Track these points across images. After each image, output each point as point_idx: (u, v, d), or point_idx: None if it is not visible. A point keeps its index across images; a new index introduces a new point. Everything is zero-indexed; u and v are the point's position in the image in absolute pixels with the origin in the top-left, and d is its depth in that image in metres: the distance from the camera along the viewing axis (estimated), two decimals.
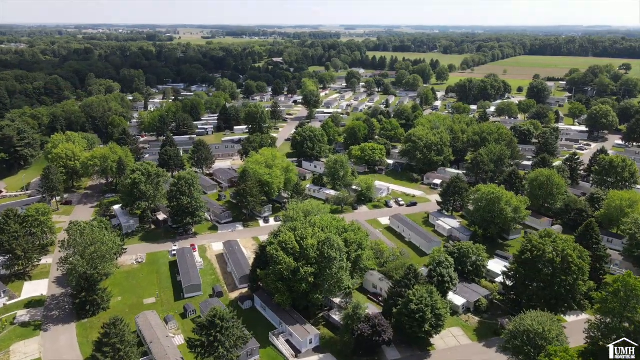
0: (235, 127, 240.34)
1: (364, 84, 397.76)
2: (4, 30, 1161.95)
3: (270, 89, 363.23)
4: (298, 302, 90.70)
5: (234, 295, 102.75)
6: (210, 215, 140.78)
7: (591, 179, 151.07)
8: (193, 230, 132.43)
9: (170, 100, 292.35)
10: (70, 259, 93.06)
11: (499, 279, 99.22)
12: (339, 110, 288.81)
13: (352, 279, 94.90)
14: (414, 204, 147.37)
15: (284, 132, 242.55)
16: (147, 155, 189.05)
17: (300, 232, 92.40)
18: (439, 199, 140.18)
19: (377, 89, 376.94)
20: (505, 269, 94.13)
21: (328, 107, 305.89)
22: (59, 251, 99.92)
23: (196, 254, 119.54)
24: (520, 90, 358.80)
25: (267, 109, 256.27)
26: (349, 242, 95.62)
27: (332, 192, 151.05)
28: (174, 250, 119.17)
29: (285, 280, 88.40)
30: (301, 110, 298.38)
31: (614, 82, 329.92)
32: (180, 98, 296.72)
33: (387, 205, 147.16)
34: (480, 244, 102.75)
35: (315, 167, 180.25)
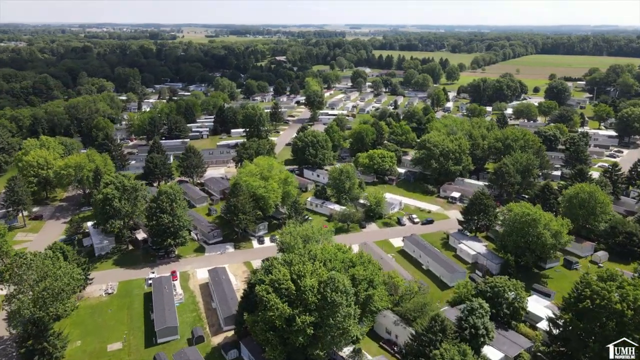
0: (233, 130, 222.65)
1: (370, 83, 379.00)
2: (8, 29, 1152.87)
3: (272, 89, 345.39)
4: (294, 356, 72.57)
5: (217, 339, 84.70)
6: (197, 234, 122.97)
7: (637, 194, 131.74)
8: (176, 253, 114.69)
9: (165, 101, 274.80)
10: (15, 299, 75.53)
11: (542, 325, 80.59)
12: (344, 112, 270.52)
13: (361, 327, 76.76)
14: (430, 222, 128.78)
15: (284, 136, 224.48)
16: (133, 162, 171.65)
17: (297, 268, 74.27)
18: (460, 217, 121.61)
19: (384, 89, 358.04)
20: (552, 315, 75.40)
21: (332, 108, 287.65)
22: (0, 289, 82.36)
23: (177, 283, 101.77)
24: (536, 90, 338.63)
25: (267, 111, 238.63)
26: (358, 279, 77.43)
27: (337, 207, 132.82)
28: (150, 278, 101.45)
29: (277, 331, 70.38)
30: (304, 112, 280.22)
31: (638, 82, 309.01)
32: (175, 98, 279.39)
33: (399, 222, 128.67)
34: (517, 280, 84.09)
35: (318, 176, 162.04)
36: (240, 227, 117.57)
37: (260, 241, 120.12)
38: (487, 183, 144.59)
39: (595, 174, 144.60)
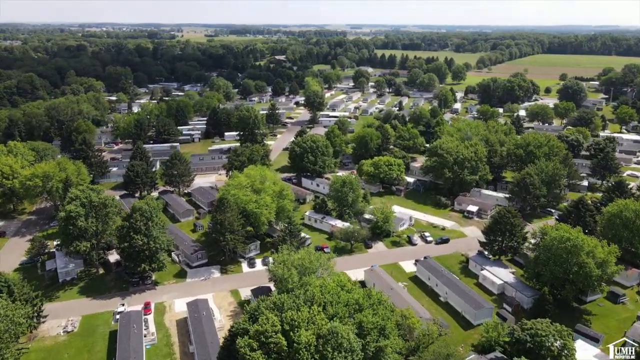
0: (226, 134, 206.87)
1: (373, 83, 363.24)
2: (6, 29, 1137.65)
3: (270, 89, 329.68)
4: None
5: None
6: (178, 256, 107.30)
7: None
8: (153, 279, 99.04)
9: (155, 101, 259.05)
10: None
11: None
12: (346, 114, 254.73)
13: None
14: (446, 241, 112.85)
15: (282, 140, 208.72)
16: (114, 169, 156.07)
17: (289, 315, 58.75)
18: (480, 235, 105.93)
19: (387, 90, 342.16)
20: None
21: (333, 110, 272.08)
22: None
23: (150, 318, 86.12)
24: (548, 91, 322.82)
25: (264, 112, 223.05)
26: (366, 328, 61.71)
27: (339, 223, 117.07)
28: (119, 312, 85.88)
29: None
30: (303, 113, 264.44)
31: None
32: (167, 98, 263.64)
33: (410, 241, 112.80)
34: (560, 324, 68.22)
35: (318, 185, 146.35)
36: (227, 248, 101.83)
37: (251, 264, 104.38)
38: (507, 195, 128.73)
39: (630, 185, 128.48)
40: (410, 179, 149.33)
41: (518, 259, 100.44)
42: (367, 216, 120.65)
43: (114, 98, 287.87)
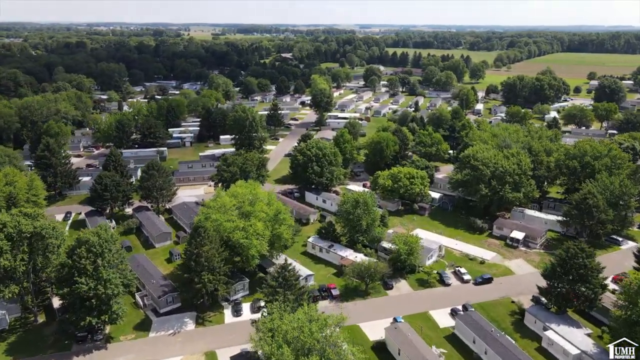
0: (222, 137, 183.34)
1: (385, 82, 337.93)
2: (12, 27, 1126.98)
3: (274, 88, 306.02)
4: None
5: None
6: (144, 298, 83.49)
7: None
8: (106, 333, 75.34)
9: (145, 101, 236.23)
10: None
11: None
12: (357, 115, 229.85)
13: None
14: (488, 280, 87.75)
15: (284, 144, 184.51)
16: (86, 179, 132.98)
17: None
18: (531, 273, 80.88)
19: (401, 89, 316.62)
20: None
21: (342, 110, 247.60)
22: None
23: None
24: (577, 90, 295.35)
25: (264, 113, 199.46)
26: None
27: (350, 254, 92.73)
28: None
29: None
30: (309, 114, 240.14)
31: None
32: (159, 97, 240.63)
33: (441, 280, 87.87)
34: None
35: (324, 201, 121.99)
36: (205, 291, 77.71)
37: (237, 310, 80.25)
38: (559, 218, 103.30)
39: None
40: (435, 195, 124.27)
41: (597, 316, 75.05)
42: (385, 245, 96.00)
43: (104, 97, 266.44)
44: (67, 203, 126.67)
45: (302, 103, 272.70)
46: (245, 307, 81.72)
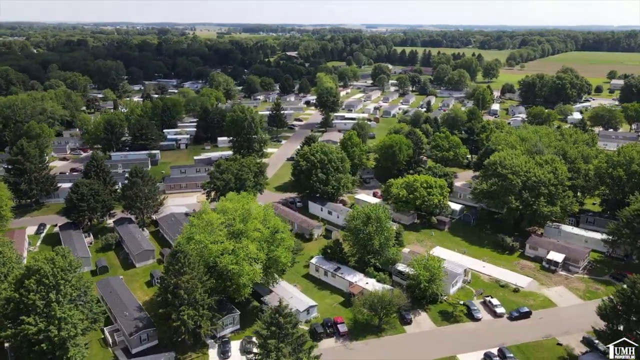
0: (220, 139, 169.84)
1: (394, 81, 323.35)
2: (18, 26, 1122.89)
3: (278, 87, 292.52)
4: None
5: None
6: (113, 334, 70.05)
7: None
8: None
9: (141, 100, 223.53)
10: None
11: None
12: (364, 115, 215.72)
13: None
14: (526, 315, 73.29)
15: (287, 147, 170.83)
16: (67, 185, 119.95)
17: None
18: (589, 316, 66.39)
19: (411, 88, 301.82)
20: None
21: (350, 110, 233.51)
22: None
23: None
24: (599, 90, 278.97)
25: (266, 113, 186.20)
26: None
27: (361, 279, 78.86)
28: None
29: None
30: (314, 115, 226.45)
31: None
32: (156, 96, 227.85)
33: (470, 314, 73.61)
34: None
35: (330, 213, 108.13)
36: (185, 328, 64.07)
37: (223, 352, 66.54)
38: (604, 236, 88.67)
39: None
40: (456, 206, 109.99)
41: None
42: (401, 268, 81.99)
43: (100, 95, 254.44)
44: (43, 213, 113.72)
45: (307, 103, 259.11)
46: (235, 346, 68.07)
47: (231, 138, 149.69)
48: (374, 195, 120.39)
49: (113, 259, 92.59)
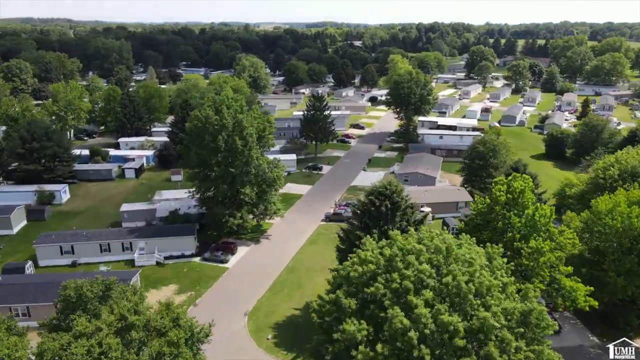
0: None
1: (495, 74, 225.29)
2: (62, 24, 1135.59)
3: (330, 78, 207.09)
4: None
5: None
6: None
7: None
8: None
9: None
10: None
11: None
12: (471, 122, 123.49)
13: None
14: None
15: (325, 195, 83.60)
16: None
17: None
18: None
19: (530, 80, 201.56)
20: None
21: (443, 113, 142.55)
22: None
23: None
24: None
25: (299, 114, 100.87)
26: None
27: None
28: None
29: None
30: (384, 117, 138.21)
31: None
32: (133, 85, 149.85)
33: None
34: None
35: None
36: None
37: None
38: None
39: None
40: None
41: None
42: None
43: (84, 83, 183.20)
44: None
45: (373, 99, 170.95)
46: None
47: (195, 170, 64.41)
48: None
49: None
